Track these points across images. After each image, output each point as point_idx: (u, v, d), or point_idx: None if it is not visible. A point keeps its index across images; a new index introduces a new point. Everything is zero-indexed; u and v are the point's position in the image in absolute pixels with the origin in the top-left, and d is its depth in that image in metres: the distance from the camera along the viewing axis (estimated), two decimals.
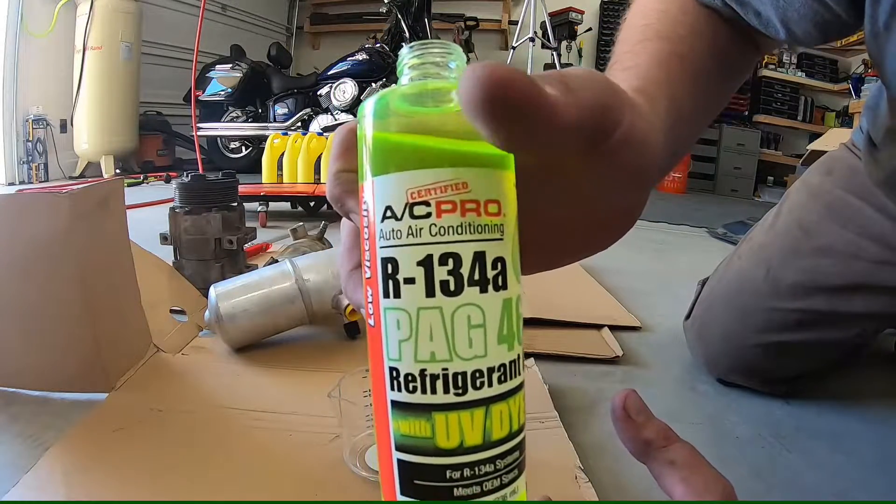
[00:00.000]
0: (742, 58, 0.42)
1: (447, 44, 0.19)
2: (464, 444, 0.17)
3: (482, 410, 0.17)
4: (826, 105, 4.31)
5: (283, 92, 3.53)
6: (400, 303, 0.17)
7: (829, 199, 0.68)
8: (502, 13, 4.71)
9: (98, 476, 0.46)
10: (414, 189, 0.17)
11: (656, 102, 0.28)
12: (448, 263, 0.17)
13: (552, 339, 0.80)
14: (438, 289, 0.17)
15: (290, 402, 0.59)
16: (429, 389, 0.17)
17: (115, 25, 3.00)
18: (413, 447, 0.17)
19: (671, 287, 1.14)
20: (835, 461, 0.57)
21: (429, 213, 0.17)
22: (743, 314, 0.69)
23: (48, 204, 0.55)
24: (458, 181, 0.17)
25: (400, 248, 0.17)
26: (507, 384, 0.18)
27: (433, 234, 0.17)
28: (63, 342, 0.58)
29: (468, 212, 0.17)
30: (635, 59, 0.32)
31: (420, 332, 0.17)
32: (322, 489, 0.46)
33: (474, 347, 0.17)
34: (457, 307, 0.17)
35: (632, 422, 0.22)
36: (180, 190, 0.90)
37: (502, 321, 0.17)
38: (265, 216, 1.70)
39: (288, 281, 0.73)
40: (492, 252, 0.17)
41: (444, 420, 0.17)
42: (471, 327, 0.17)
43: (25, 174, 2.86)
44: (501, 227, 0.17)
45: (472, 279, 0.17)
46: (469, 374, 0.17)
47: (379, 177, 0.17)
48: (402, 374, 0.17)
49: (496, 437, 0.17)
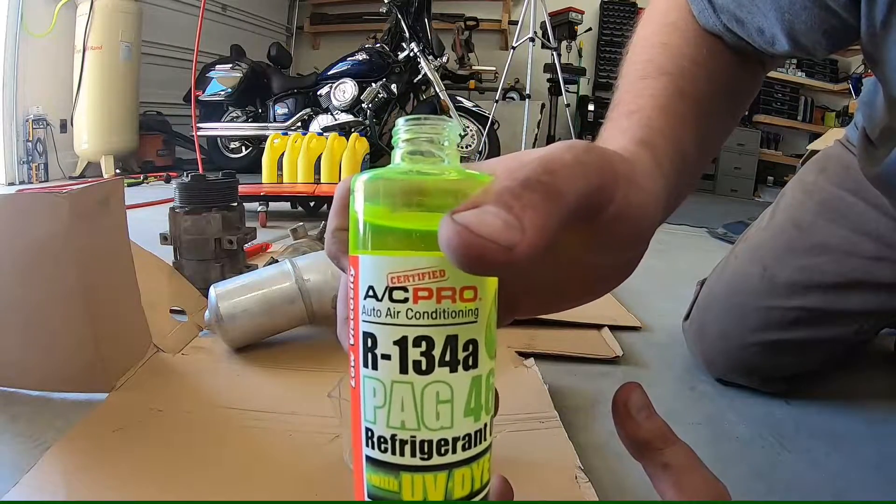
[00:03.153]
0: (749, 78, 0.42)
1: (441, 120, 0.20)
2: (426, 500, 0.19)
3: (445, 474, 0.19)
4: (826, 105, 4.31)
5: (283, 92, 3.54)
6: (376, 374, 0.19)
7: (823, 196, 0.68)
8: (502, 13, 4.71)
9: (98, 476, 0.46)
10: (394, 274, 0.18)
11: (661, 157, 0.28)
12: (421, 345, 0.18)
13: (552, 339, 0.80)
14: (411, 367, 0.18)
15: (290, 402, 0.59)
16: (398, 452, 0.19)
17: (114, 25, 3.00)
18: (382, 498, 0.19)
19: (671, 287, 1.14)
20: (835, 461, 0.57)
21: (406, 297, 0.18)
22: (740, 313, 0.69)
23: (48, 204, 0.55)
24: (435, 269, 0.18)
25: (379, 326, 0.18)
26: (471, 451, 0.19)
27: (409, 318, 0.18)
28: (63, 342, 0.58)
29: (444, 298, 0.18)
30: (638, 101, 0.32)
31: (392, 402, 0.18)
32: (322, 489, 0.46)
33: (441, 420, 0.18)
34: (426, 384, 0.18)
35: (631, 420, 0.22)
36: (180, 190, 0.90)
37: (470, 397, 0.19)
38: (265, 216, 1.70)
39: (288, 281, 0.73)
40: (464, 335, 0.18)
41: (410, 479, 0.19)
42: (439, 402, 0.18)
43: (25, 174, 2.86)
44: (476, 311, 0.19)
45: (442, 360, 0.18)
46: (435, 442, 0.19)
47: (364, 255, 0.19)
48: (375, 434, 0.19)
49: (457, 496, 0.19)
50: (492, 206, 0.16)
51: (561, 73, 3.28)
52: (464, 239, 0.16)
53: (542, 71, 3.61)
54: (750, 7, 0.38)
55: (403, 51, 3.25)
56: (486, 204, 0.16)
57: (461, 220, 0.16)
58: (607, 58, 4.54)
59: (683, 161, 0.30)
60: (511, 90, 3.83)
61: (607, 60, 4.54)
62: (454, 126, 0.20)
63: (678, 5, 0.41)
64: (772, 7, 0.38)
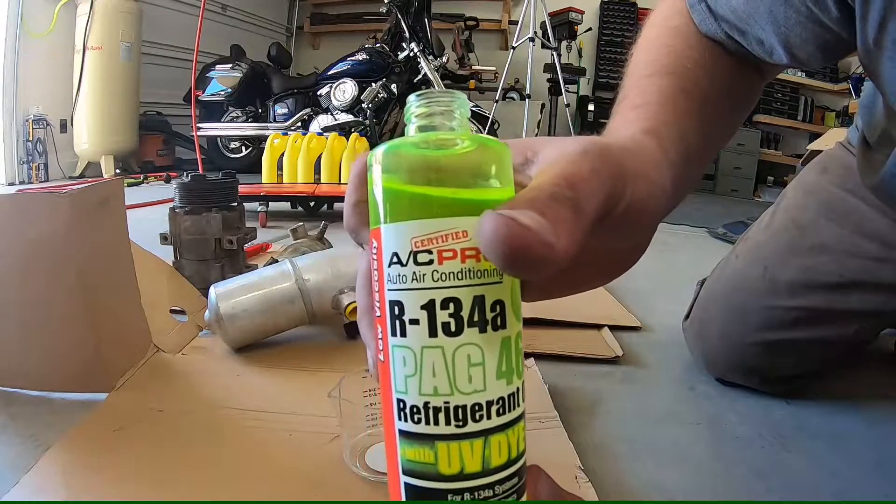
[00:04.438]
0: (748, 86, 0.43)
1: (452, 93, 0.20)
2: (464, 470, 0.18)
3: (481, 441, 0.19)
4: (826, 105, 4.31)
5: (283, 92, 3.53)
6: (406, 341, 0.19)
7: (824, 196, 0.68)
8: (502, 13, 4.71)
9: (98, 476, 0.46)
10: (418, 238, 0.18)
11: (667, 146, 0.29)
12: (449, 307, 0.18)
13: (552, 339, 0.80)
14: (440, 330, 0.18)
15: (290, 402, 0.59)
16: (432, 421, 0.18)
17: (115, 25, 3.00)
18: (418, 472, 0.19)
19: (671, 287, 1.14)
20: (835, 461, 0.57)
21: (431, 260, 0.18)
22: (741, 313, 0.69)
23: (48, 204, 0.55)
24: (458, 230, 0.18)
25: (405, 292, 0.18)
26: (506, 416, 0.19)
27: (435, 280, 0.18)
28: (63, 342, 0.58)
29: (468, 258, 0.18)
30: (644, 96, 0.33)
31: (424, 368, 0.18)
32: (322, 489, 0.46)
33: (474, 383, 0.18)
34: (457, 346, 0.18)
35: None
36: (180, 190, 0.90)
37: (501, 358, 0.19)
38: (265, 216, 1.70)
39: (288, 281, 0.73)
40: (491, 295, 0.18)
41: (446, 449, 0.18)
42: (470, 365, 0.18)
43: (25, 174, 2.86)
44: (500, 272, 0.18)
45: (471, 321, 0.18)
46: (469, 407, 0.18)
47: (386, 225, 0.19)
48: (407, 405, 0.19)
49: (495, 465, 0.19)
50: (529, 209, 0.17)
51: (561, 73, 3.28)
52: (511, 229, 0.16)
53: (542, 71, 3.61)
54: (748, 20, 0.39)
55: (403, 51, 3.25)
56: (522, 207, 0.17)
57: (507, 212, 0.17)
58: (607, 58, 4.54)
59: (688, 151, 0.31)
60: (511, 90, 3.84)
61: (607, 60, 4.54)
62: (464, 99, 0.21)
63: (680, 11, 0.42)
64: (768, 21, 0.38)
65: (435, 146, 0.19)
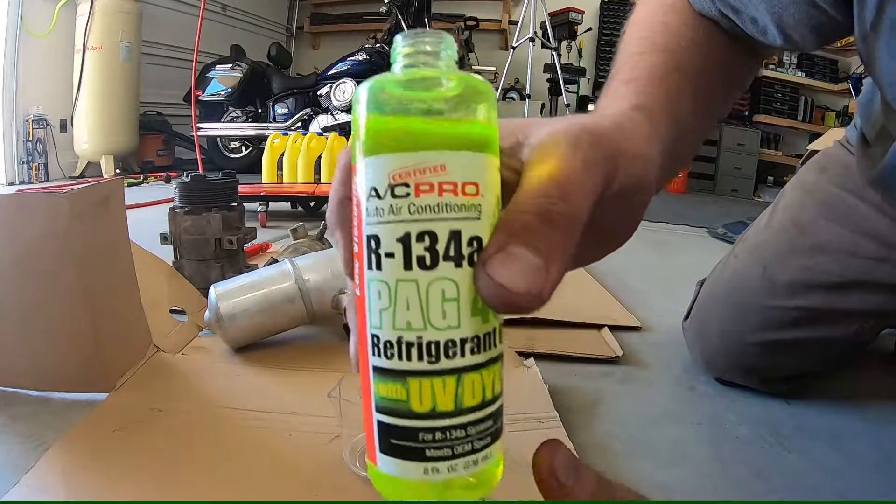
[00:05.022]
0: (742, 66, 0.42)
1: (439, 33, 0.20)
2: (436, 409, 0.18)
3: (454, 379, 0.18)
4: (826, 105, 4.30)
5: (283, 92, 3.53)
6: (381, 275, 0.18)
7: (823, 196, 0.68)
8: (502, 13, 4.71)
9: (98, 476, 0.46)
10: (396, 171, 0.18)
11: (658, 121, 0.29)
12: (424, 240, 0.18)
13: (552, 339, 0.80)
14: (415, 263, 0.18)
15: (290, 402, 0.59)
16: (405, 356, 0.18)
17: (115, 25, 3.00)
18: (390, 409, 0.19)
19: (671, 287, 1.14)
20: (835, 461, 0.57)
21: (408, 193, 0.18)
22: (740, 313, 0.69)
23: (48, 204, 0.55)
24: (437, 164, 0.18)
25: (382, 226, 0.18)
26: (481, 355, 0.19)
27: (411, 213, 0.18)
28: (63, 342, 0.58)
29: (445, 192, 0.18)
30: (635, 71, 0.33)
31: (398, 302, 0.18)
32: (322, 489, 0.46)
33: (448, 318, 0.18)
34: (432, 280, 0.18)
35: (560, 489, 0.20)
36: (180, 190, 0.90)
37: (476, 294, 0.18)
38: (265, 216, 1.70)
39: (288, 281, 0.73)
40: (468, 230, 0.18)
41: (418, 385, 0.18)
42: (445, 300, 0.18)
43: (25, 174, 2.86)
44: (479, 207, 0.18)
45: (447, 255, 0.18)
46: (442, 343, 0.18)
47: (366, 159, 0.19)
48: (381, 340, 0.19)
49: (468, 405, 0.19)
50: (520, 247, 0.18)
51: (561, 73, 3.28)
52: (499, 295, 0.18)
53: (542, 71, 3.60)
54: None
55: None
56: (512, 245, 0.18)
57: (495, 275, 0.18)
58: (607, 58, 4.54)
59: (678, 127, 0.31)
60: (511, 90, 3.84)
61: (607, 60, 4.53)
62: (451, 41, 0.20)
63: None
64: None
65: (419, 83, 0.19)
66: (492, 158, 0.19)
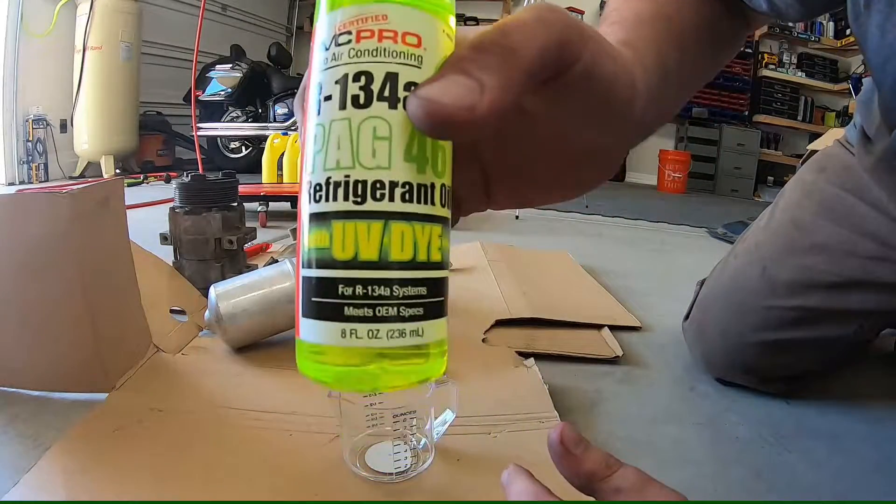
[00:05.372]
0: (730, 30, 0.42)
1: None
2: (358, 256, 0.17)
3: (380, 224, 0.18)
4: (826, 105, 4.31)
5: (283, 92, 3.53)
6: (319, 118, 0.18)
7: (822, 196, 0.68)
8: (502, 13, 4.71)
9: (98, 476, 0.46)
10: (341, 22, 0.18)
11: (643, 55, 0.28)
12: (360, 80, 0.18)
13: (552, 339, 0.80)
14: (349, 102, 0.18)
15: (290, 402, 0.59)
16: (331, 197, 0.18)
17: (115, 25, 3.00)
18: (314, 260, 0.18)
19: (671, 287, 1.14)
20: (835, 461, 0.57)
21: (350, 39, 0.18)
22: (740, 312, 0.69)
23: (48, 204, 0.55)
24: (378, 14, 0.18)
25: (325, 72, 0.19)
26: (414, 206, 0.18)
27: (351, 57, 0.18)
28: (63, 342, 0.58)
29: (385, 39, 0.18)
30: (621, 14, 0.32)
31: (330, 141, 0.18)
32: (322, 489, 0.46)
33: (377, 158, 0.18)
34: (364, 118, 0.18)
35: (571, 456, 0.22)
36: (180, 190, 0.90)
37: (411, 140, 0.18)
38: (265, 216, 1.70)
39: (288, 281, 0.73)
40: (406, 75, 0.18)
41: (342, 228, 0.18)
42: (375, 138, 0.18)
43: (25, 174, 2.86)
44: (420, 57, 0.18)
45: (381, 95, 0.18)
46: (369, 183, 0.18)
47: (318, 20, 0.19)
48: (312, 184, 0.18)
49: (395, 258, 0.18)
50: (451, 73, 0.18)
51: None
52: (427, 109, 0.17)
53: None
54: None
55: None
56: (446, 73, 0.18)
57: (423, 93, 0.17)
58: None
59: (665, 71, 0.30)
60: None
61: None
62: None
63: None
64: None
65: None
66: (440, 21, 0.19)
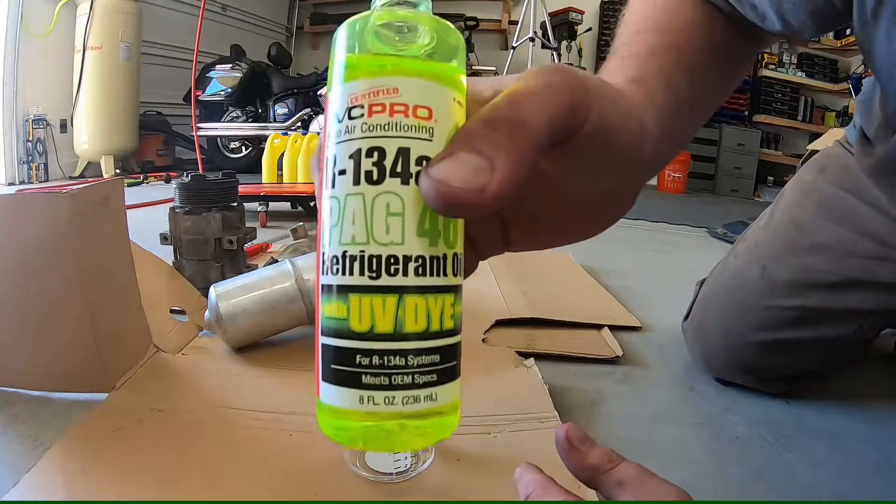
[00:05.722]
0: (742, 52, 0.42)
1: None
2: (374, 328, 0.18)
3: (395, 298, 0.18)
4: (826, 105, 4.31)
5: (283, 92, 3.53)
6: (334, 192, 0.19)
7: (822, 196, 0.68)
8: (502, 13, 4.71)
9: (98, 476, 0.46)
10: (354, 95, 0.19)
11: (653, 91, 0.28)
12: (373, 156, 0.18)
13: (552, 339, 0.80)
14: (363, 177, 0.18)
15: (290, 402, 0.59)
16: (347, 270, 0.18)
17: (114, 25, 3.00)
18: (332, 329, 0.19)
19: (671, 287, 1.14)
20: (835, 461, 0.57)
21: (362, 113, 0.19)
22: (740, 312, 0.69)
23: (48, 204, 0.55)
24: (390, 87, 0.19)
25: (339, 145, 0.19)
26: (426, 279, 0.18)
27: (363, 131, 0.18)
28: (63, 342, 0.58)
29: (397, 113, 0.18)
30: (632, 48, 0.33)
31: (345, 216, 0.18)
32: (322, 489, 0.46)
33: (391, 234, 0.18)
34: (377, 194, 0.18)
35: (576, 451, 0.24)
36: (180, 190, 0.90)
37: (423, 215, 0.18)
38: (265, 216, 1.70)
39: (288, 281, 0.73)
40: (417, 149, 0.18)
41: (358, 302, 0.18)
42: (389, 214, 0.18)
43: (25, 174, 2.86)
44: (431, 130, 0.19)
45: (394, 171, 0.18)
46: (384, 258, 0.18)
47: (332, 90, 0.20)
48: (328, 257, 0.19)
49: (409, 330, 0.18)
50: (462, 152, 0.18)
51: None
52: (438, 191, 0.17)
53: None
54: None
55: None
56: (456, 151, 0.18)
57: (434, 173, 0.18)
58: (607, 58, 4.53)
59: (677, 104, 0.30)
60: None
61: None
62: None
63: None
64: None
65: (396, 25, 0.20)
66: (450, 90, 0.20)
